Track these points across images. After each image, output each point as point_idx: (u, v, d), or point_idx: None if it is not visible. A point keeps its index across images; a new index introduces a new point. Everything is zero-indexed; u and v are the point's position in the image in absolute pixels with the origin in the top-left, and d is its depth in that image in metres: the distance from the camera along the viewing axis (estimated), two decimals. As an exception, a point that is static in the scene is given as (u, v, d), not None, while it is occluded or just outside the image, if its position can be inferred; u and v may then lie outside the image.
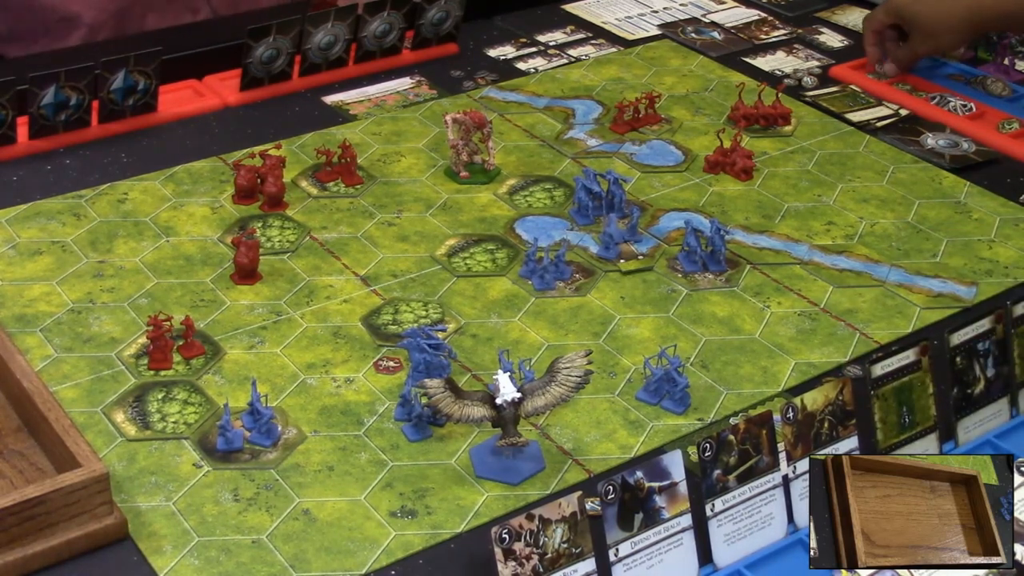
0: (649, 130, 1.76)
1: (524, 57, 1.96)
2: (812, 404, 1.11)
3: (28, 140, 1.63)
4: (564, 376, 1.19)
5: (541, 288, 1.42)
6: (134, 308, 1.36)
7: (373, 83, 1.85)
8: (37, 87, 1.58)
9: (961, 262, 1.51)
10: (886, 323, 1.40)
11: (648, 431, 1.24)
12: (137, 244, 1.47)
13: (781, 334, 1.38)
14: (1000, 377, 1.23)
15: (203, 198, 1.56)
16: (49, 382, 1.25)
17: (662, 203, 1.60)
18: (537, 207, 1.58)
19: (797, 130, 1.78)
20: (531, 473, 1.18)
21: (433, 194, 1.59)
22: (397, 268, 1.45)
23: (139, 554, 1.08)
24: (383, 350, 1.32)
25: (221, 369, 1.29)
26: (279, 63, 1.78)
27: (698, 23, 2.09)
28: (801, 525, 1.11)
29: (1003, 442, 1.22)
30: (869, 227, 1.57)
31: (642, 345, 1.35)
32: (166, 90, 1.74)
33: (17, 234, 1.48)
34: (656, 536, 1.03)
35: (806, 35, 2.07)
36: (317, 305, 1.39)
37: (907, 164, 1.71)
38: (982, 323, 1.22)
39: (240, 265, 1.41)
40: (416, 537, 1.11)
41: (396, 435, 1.22)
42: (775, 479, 1.10)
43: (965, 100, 1.84)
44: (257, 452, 1.19)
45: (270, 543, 1.10)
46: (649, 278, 1.46)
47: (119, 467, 1.16)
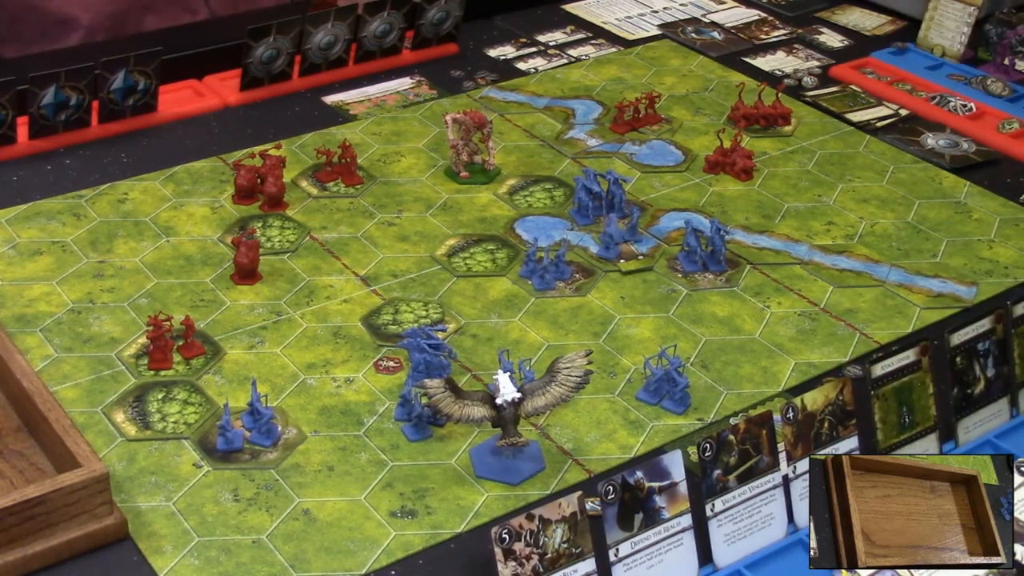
0: (649, 130, 1.76)
1: (524, 57, 1.96)
2: (812, 404, 1.11)
3: (28, 140, 1.62)
4: (564, 376, 1.19)
5: (541, 288, 1.42)
6: (134, 308, 1.36)
7: (373, 83, 1.85)
8: (37, 87, 1.58)
9: (961, 262, 1.51)
10: (886, 323, 1.40)
11: (648, 431, 1.24)
12: (137, 244, 1.47)
13: (781, 334, 1.38)
14: (1000, 377, 1.23)
15: (203, 198, 1.56)
16: (49, 382, 1.25)
17: (662, 203, 1.60)
18: (537, 207, 1.58)
19: (797, 130, 1.78)
20: (531, 473, 1.18)
21: (433, 194, 1.59)
22: (397, 268, 1.45)
23: (139, 554, 1.08)
24: (383, 350, 1.32)
25: (221, 369, 1.29)
26: (279, 63, 1.78)
27: (698, 23, 2.09)
28: (801, 525, 1.11)
29: (1003, 442, 1.22)
30: (869, 227, 1.57)
31: (642, 345, 1.35)
32: (166, 90, 1.74)
33: (17, 234, 1.47)
34: (656, 536, 1.03)
35: (806, 35, 2.07)
36: (317, 305, 1.39)
37: (907, 164, 1.71)
38: (982, 323, 1.22)
39: (240, 265, 1.41)
40: (416, 537, 1.11)
41: (396, 435, 1.22)
42: (775, 479, 1.10)
43: (965, 100, 1.84)
44: (257, 452, 1.19)
45: (270, 543, 1.10)
46: (649, 278, 1.46)
47: (119, 467, 1.16)
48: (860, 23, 2.12)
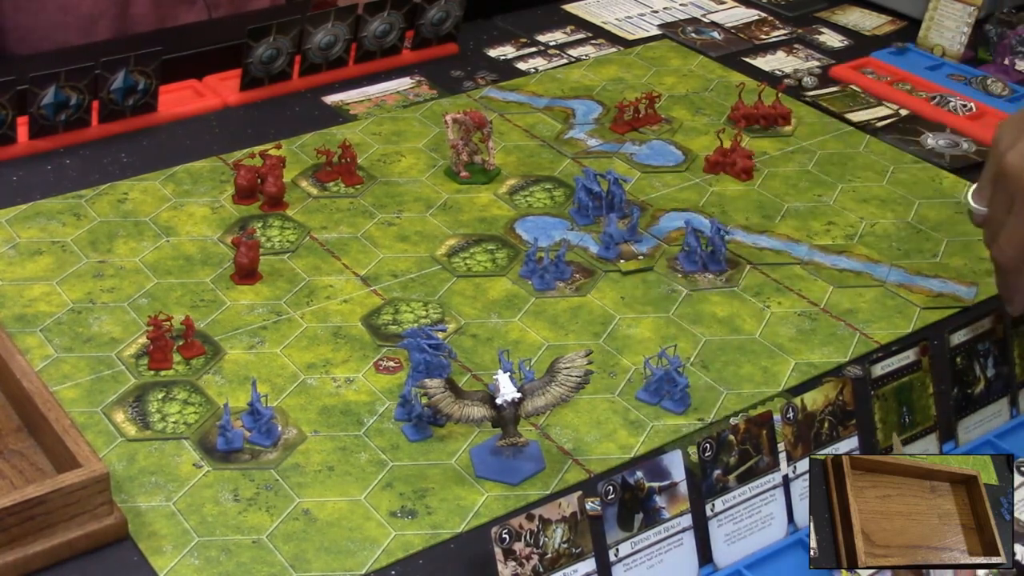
0: (649, 130, 1.76)
1: (524, 57, 1.96)
2: (812, 404, 1.11)
3: (28, 140, 1.62)
4: (564, 376, 1.19)
5: (541, 288, 1.42)
6: (134, 308, 1.36)
7: (373, 83, 1.85)
8: (37, 87, 1.58)
9: (961, 262, 1.51)
10: (886, 323, 1.40)
11: (648, 431, 1.24)
12: (137, 244, 1.47)
13: (781, 334, 1.38)
14: (1000, 377, 1.23)
15: (203, 198, 1.56)
16: (49, 382, 1.25)
17: (662, 203, 1.60)
18: (537, 207, 1.58)
19: (797, 130, 1.78)
20: (531, 473, 1.18)
21: (433, 194, 1.59)
22: (397, 268, 1.45)
23: (139, 554, 1.08)
24: (383, 350, 1.32)
25: (221, 369, 1.29)
26: (279, 63, 1.78)
27: (698, 23, 2.09)
28: (801, 525, 1.11)
29: (1003, 442, 1.22)
30: (869, 227, 1.57)
31: (642, 345, 1.35)
32: (166, 90, 1.74)
33: (17, 234, 1.47)
34: (656, 536, 1.03)
35: (806, 35, 2.07)
36: (317, 305, 1.39)
37: (907, 164, 1.71)
38: (982, 323, 1.22)
39: (240, 265, 1.41)
40: (416, 537, 1.11)
41: (396, 435, 1.22)
42: (775, 479, 1.10)
43: (965, 100, 1.84)
44: (257, 452, 1.19)
45: (270, 543, 1.10)
46: (649, 278, 1.46)
47: (119, 467, 1.16)
48: (860, 23, 2.12)
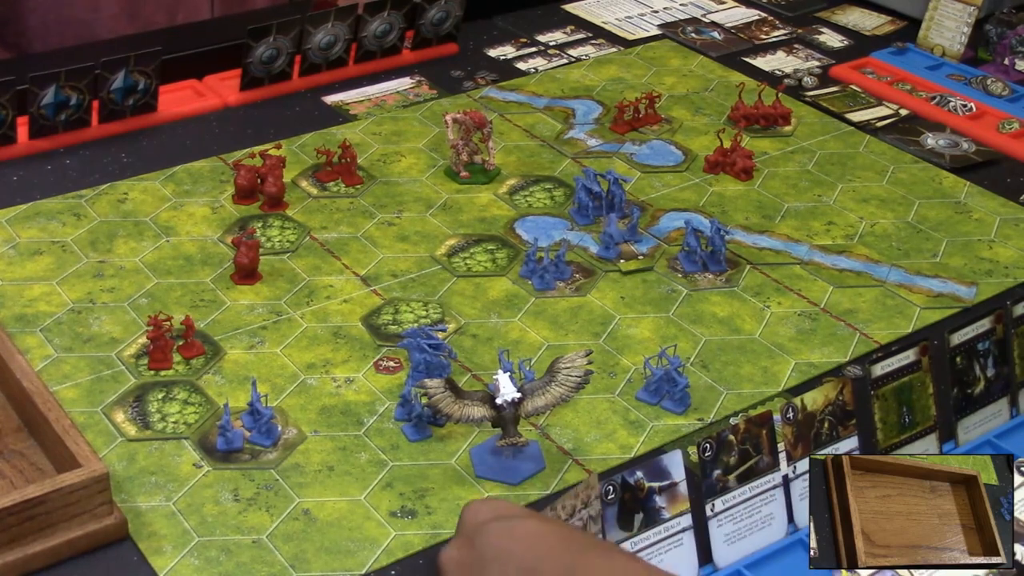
0: (649, 130, 1.76)
1: (524, 57, 1.96)
2: (812, 404, 1.11)
3: (28, 140, 1.62)
4: (564, 376, 1.19)
5: (541, 288, 1.42)
6: (134, 308, 1.36)
7: (373, 83, 1.85)
8: (37, 87, 1.58)
9: (961, 262, 1.51)
10: (886, 323, 1.40)
11: (648, 431, 1.24)
12: (137, 244, 1.47)
13: (781, 334, 1.38)
14: (1000, 377, 1.23)
15: (203, 198, 1.56)
16: (49, 382, 1.25)
17: (662, 203, 1.60)
18: (537, 207, 1.58)
19: (797, 130, 1.78)
20: (531, 473, 1.18)
21: (433, 194, 1.59)
22: (397, 268, 1.45)
23: (139, 554, 1.08)
24: (383, 350, 1.32)
25: (221, 369, 1.29)
26: (279, 63, 1.78)
27: (698, 23, 2.09)
28: (801, 525, 1.11)
29: (1003, 442, 1.22)
30: (869, 227, 1.57)
31: (642, 345, 1.35)
32: (166, 90, 1.74)
33: (17, 234, 1.47)
34: (656, 536, 1.03)
35: (806, 35, 2.07)
36: (317, 305, 1.38)
37: (907, 164, 1.71)
38: (982, 323, 1.22)
39: (240, 265, 1.41)
40: (416, 537, 1.11)
41: (396, 435, 1.22)
42: (775, 479, 1.10)
43: (965, 100, 1.84)
44: (257, 452, 1.19)
45: (270, 543, 1.10)
46: (649, 278, 1.46)
47: (119, 467, 1.16)
48: (860, 23, 2.12)
